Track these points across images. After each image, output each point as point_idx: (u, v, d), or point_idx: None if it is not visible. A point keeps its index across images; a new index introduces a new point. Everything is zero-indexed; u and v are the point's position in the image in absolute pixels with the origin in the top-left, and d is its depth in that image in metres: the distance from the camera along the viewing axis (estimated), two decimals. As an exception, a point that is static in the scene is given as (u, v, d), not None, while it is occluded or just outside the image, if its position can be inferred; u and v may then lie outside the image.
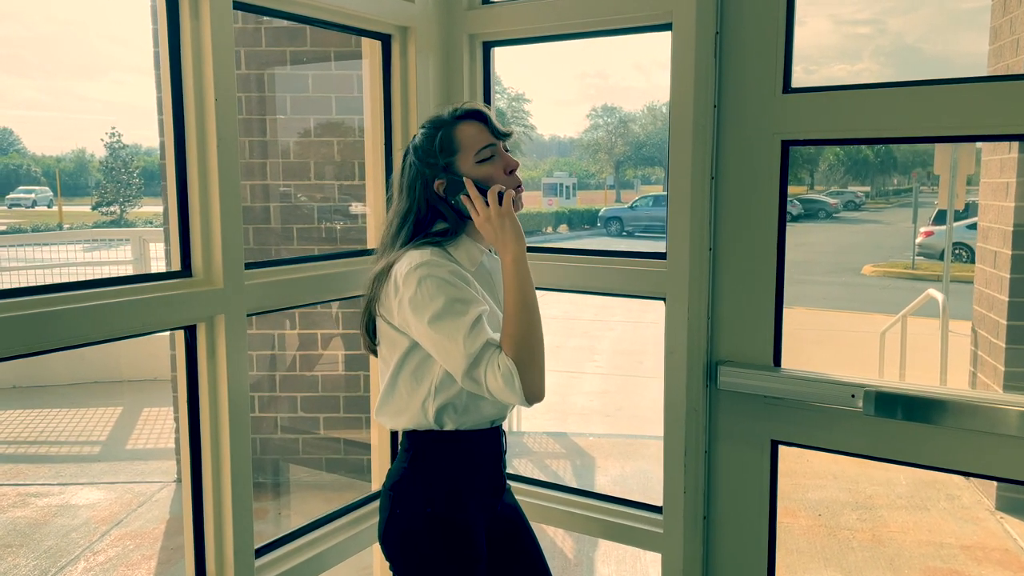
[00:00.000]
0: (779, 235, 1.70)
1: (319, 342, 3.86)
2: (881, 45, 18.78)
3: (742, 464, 1.77)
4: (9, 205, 38.69)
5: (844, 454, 1.69)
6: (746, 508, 1.77)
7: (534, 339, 1.38)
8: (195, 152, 1.49)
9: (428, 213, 1.50)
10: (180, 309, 1.48)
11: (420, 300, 1.38)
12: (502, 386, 1.34)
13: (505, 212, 1.43)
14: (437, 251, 1.44)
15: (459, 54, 2.01)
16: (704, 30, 1.68)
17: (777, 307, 1.72)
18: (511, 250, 1.42)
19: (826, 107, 1.62)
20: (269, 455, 3.90)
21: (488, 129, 1.49)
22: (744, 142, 1.70)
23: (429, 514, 1.47)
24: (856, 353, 6.86)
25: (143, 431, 4.88)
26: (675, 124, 1.71)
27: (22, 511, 3.67)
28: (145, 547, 3.30)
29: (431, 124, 1.51)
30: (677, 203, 1.73)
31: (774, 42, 1.65)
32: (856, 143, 1.66)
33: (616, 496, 1.94)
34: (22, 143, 59.26)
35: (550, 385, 1.42)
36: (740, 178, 1.71)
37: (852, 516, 3.64)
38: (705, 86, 1.69)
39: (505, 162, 1.49)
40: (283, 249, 3.77)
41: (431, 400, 1.46)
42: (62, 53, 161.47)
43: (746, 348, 1.74)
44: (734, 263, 1.74)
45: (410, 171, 1.51)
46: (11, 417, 5.13)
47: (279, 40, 3.67)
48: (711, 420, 1.79)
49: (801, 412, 1.69)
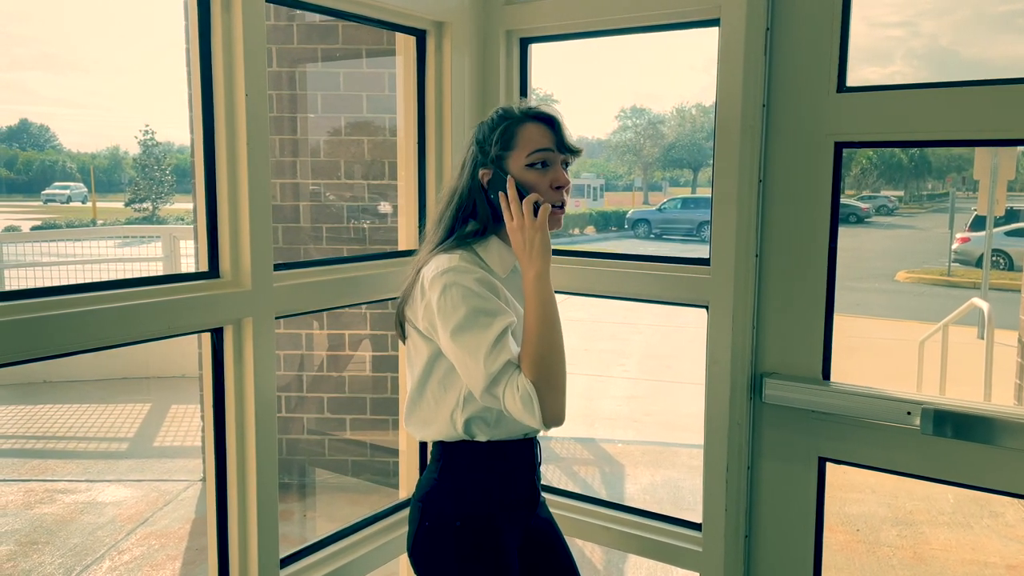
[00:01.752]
0: (831, 242, 1.61)
1: (347, 343, 3.82)
2: (914, 47, 18.47)
3: (787, 481, 1.69)
4: (45, 200, 39.45)
5: (897, 474, 1.60)
6: (790, 528, 1.69)
7: (554, 359, 1.31)
8: (224, 150, 1.45)
9: (469, 200, 1.44)
10: (207, 311, 1.43)
11: (443, 308, 1.32)
12: (520, 408, 1.28)
13: (538, 226, 1.36)
14: (467, 255, 1.38)
15: (495, 50, 1.95)
16: (754, 26, 1.60)
17: (827, 317, 1.63)
18: (535, 265, 1.35)
19: (883, 107, 1.54)
20: (296, 456, 3.87)
21: (553, 137, 1.41)
22: (795, 143, 1.62)
23: (459, 527, 1.42)
24: (892, 362, 6.71)
25: (170, 428, 4.88)
26: (722, 124, 1.64)
27: (49, 507, 3.67)
28: (170, 547, 3.28)
29: (501, 113, 1.44)
30: (722, 206, 1.65)
31: (829, 38, 1.57)
32: (915, 145, 1.58)
33: (653, 511, 1.87)
34: (58, 139, 60.34)
35: (578, 389, 1.36)
36: (789, 181, 1.63)
37: (892, 532, 3.52)
38: (754, 84, 1.61)
39: (554, 175, 1.41)
40: (312, 249, 3.74)
41: (459, 411, 1.40)
42: (98, 50, 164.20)
43: (793, 360, 1.66)
44: (782, 270, 1.66)
45: (469, 149, 1.46)
46: (41, 412, 5.16)
47: (311, 37, 3.63)
48: (754, 434, 1.71)
49: (851, 428, 1.60)
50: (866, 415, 1.57)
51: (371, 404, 3.81)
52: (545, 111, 1.43)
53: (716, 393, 1.70)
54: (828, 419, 1.62)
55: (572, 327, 1.81)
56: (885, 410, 1.55)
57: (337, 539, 1.81)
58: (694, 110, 43.95)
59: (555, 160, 1.41)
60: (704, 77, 78.51)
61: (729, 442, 1.69)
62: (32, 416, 5.09)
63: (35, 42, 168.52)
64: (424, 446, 2.01)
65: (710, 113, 36.43)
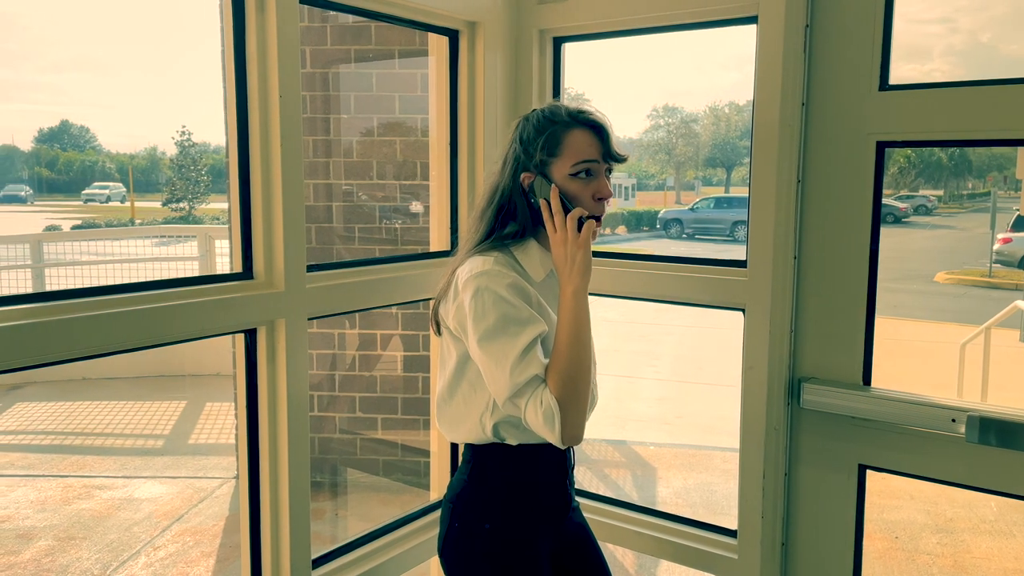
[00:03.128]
0: (872, 244, 1.58)
1: (379, 342, 3.83)
2: (952, 44, 18.02)
3: (826, 489, 1.65)
4: (84, 200, 40.24)
5: (940, 482, 1.56)
6: (829, 536, 1.65)
7: (581, 379, 1.29)
8: (258, 152, 1.45)
9: (510, 201, 1.41)
10: (240, 312, 1.43)
11: (474, 312, 1.30)
12: (541, 423, 1.27)
13: (581, 243, 1.32)
14: (503, 258, 1.36)
15: (529, 50, 1.93)
16: (793, 22, 1.56)
17: (868, 321, 1.59)
18: (574, 282, 1.32)
19: (926, 106, 1.50)
20: (327, 455, 3.89)
21: (600, 147, 1.38)
22: (835, 142, 1.58)
23: (488, 530, 1.40)
24: (932, 365, 6.57)
25: (205, 426, 4.94)
26: (760, 123, 1.60)
27: (87, 503, 3.73)
28: (204, 544, 3.31)
29: (548, 116, 1.39)
30: (760, 207, 1.62)
31: (871, 34, 1.53)
32: (958, 145, 1.53)
33: (687, 517, 1.84)
34: (98, 140, 61.50)
35: (608, 390, 1.34)
36: (829, 181, 1.60)
37: (932, 540, 3.44)
38: (793, 83, 1.58)
39: (598, 187, 1.38)
40: (344, 249, 3.75)
41: (488, 414, 1.39)
42: (136, 51, 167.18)
43: (832, 365, 1.62)
44: (821, 273, 1.62)
45: (512, 147, 1.41)
46: (80, 408, 5.26)
47: (344, 38, 3.65)
48: (792, 440, 1.68)
49: (893, 435, 1.56)
50: (909, 422, 1.52)
51: (402, 404, 3.81)
52: (594, 118, 1.38)
53: (752, 398, 1.67)
54: (869, 426, 1.58)
55: (603, 327, 1.79)
56: (929, 417, 1.50)
57: (369, 540, 1.81)
58: (727, 108, 43.53)
59: (599, 170, 1.38)
60: (734, 74, 77.65)
61: (766, 448, 1.66)
62: (71, 412, 5.19)
63: (74, 44, 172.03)
64: (455, 447, 2.00)
65: (744, 111, 35.67)
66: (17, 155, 52.96)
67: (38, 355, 1.19)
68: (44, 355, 1.19)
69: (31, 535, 3.37)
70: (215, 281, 1.44)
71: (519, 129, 1.42)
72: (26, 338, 1.17)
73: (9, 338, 1.15)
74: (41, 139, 57.44)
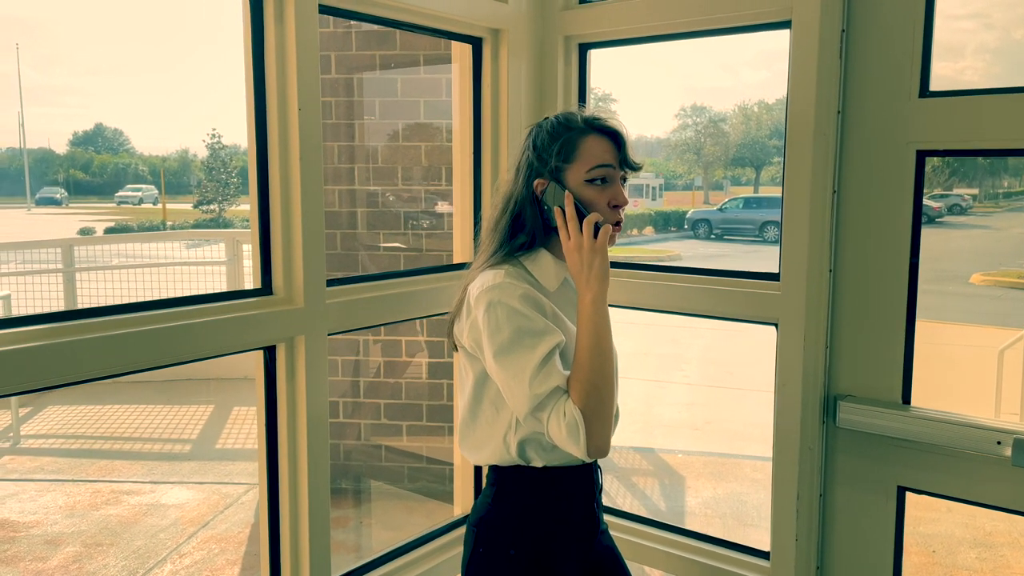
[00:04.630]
0: (912, 257, 1.51)
1: (403, 349, 3.81)
2: (985, 41, 17.53)
3: (863, 511, 1.59)
4: (118, 202, 40.87)
5: (984, 506, 1.49)
6: (866, 561, 1.59)
7: (605, 389, 1.25)
8: (277, 166, 1.42)
9: (524, 207, 1.36)
10: (259, 330, 1.41)
11: (487, 328, 1.27)
12: (565, 436, 1.23)
13: (598, 248, 1.28)
14: (513, 270, 1.32)
15: (554, 57, 1.89)
16: (829, 27, 1.51)
17: (907, 337, 1.53)
18: (593, 289, 1.28)
19: (969, 113, 1.43)
20: (352, 462, 3.87)
21: (616, 154, 1.34)
22: (872, 151, 1.52)
23: (513, 556, 1.36)
24: (969, 371, 6.41)
25: (232, 430, 4.95)
26: (793, 131, 1.55)
27: (115, 508, 3.75)
28: (230, 551, 3.31)
29: (563, 122, 1.35)
30: (793, 218, 1.56)
31: (910, 39, 1.47)
32: (1004, 154, 1.46)
33: (718, 537, 1.78)
34: (131, 143, 62.44)
35: (636, 395, 1.28)
36: (867, 191, 1.54)
37: (970, 555, 3.34)
38: (828, 89, 1.52)
39: (613, 194, 1.34)
40: (368, 256, 3.73)
41: (512, 433, 1.34)
42: (169, 54, 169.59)
43: (870, 382, 1.56)
44: (858, 286, 1.56)
45: (524, 154, 1.38)
46: (109, 412, 5.30)
47: (369, 44, 3.63)
48: (827, 461, 1.62)
49: (934, 456, 1.50)
50: (951, 443, 1.46)
51: (427, 411, 3.79)
52: (610, 124, 1.35)
53: (786, 415, 1.61)
54: (909, 446, 1.52)
55: (629, 331, 1.75)
56: (972, 439, 1.44)
57: (391, 558, 1.78)
58: (756, 107, 43.09)
59: (615, 177, 1.34)
60: (763, 73, 76.73)
61: (800, 468, 1.60)
62: (100, 416, 5.23)
63: (106, 48, 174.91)
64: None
65: (774, 110, 35.11)
66: (52, 158, 53.93)
67: (54, 376, 1.17)
68: (60, 376, 1.18)
69: (59, 541, 3.39)
70: (234, 298, 1.42)
71: (532, 136, 1.38)
72: (43, 359, 1.15)
73: (27, 359, 1.13)
74: (76, 142, 58.48)
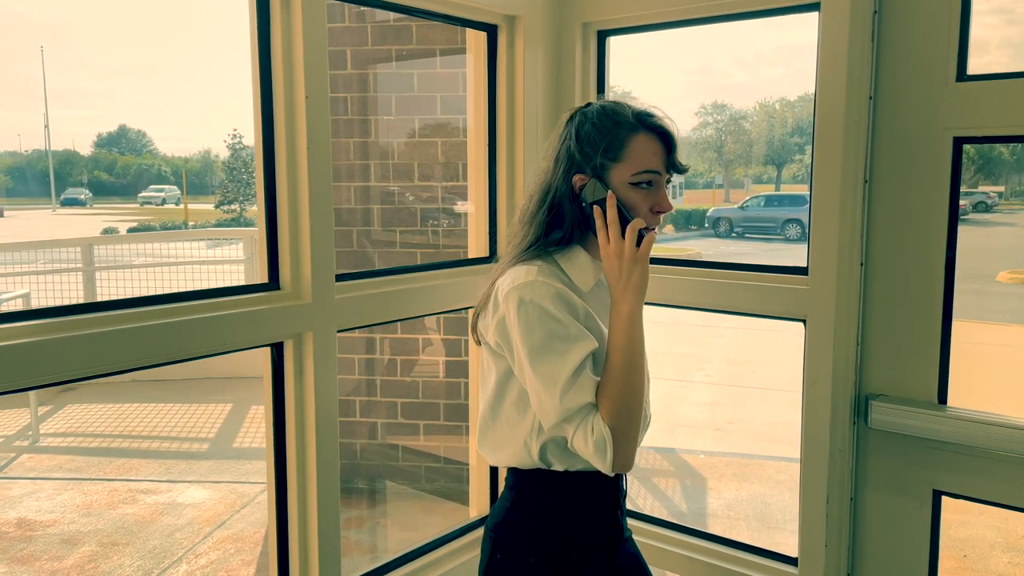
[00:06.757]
0: (948, 250, 1.44)
1: (420, 347, 3.76)
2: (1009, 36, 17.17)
3: (896, 515, 1.52)
4: (141, 203, 41.29)
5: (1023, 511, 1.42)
6: (899, 568, 1.52)
7: (635, 407, 1.19)
8: (284, 157, 1.38)
9: (561, 201, 1.28)
10: (266, 326, 1.36)
11: (519, 328, 1.20)
12: (591, 452, 1.18)
13: (640, 257, 1.21)
14: (546, 267, 1.25)
15: (571, 44, 1.83)
16: (860, 10, 1.44)
17: (944, 333, 1.46)
18: (629, 301, 1.21)
19: (1011, 97, 1.35)
20: (368, 461, 3.83)
21: (665, 157, 1.26)
22: (907, 139, 1.45)
23: (532, 564, 1.30)
24: (998, 371, 6.27)
25: (250, 429, 4.94)
26: (822, 119, 1.48)
27: (131, 508, 3.73)
28: (245, 552, 3.28)
29: (612, 116, 1.26)
30: (823, 209, 1.49)
31: (946, 21, 1.40)
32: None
33: (743, 542, 1.72)
34: (154, 144, 63.02)
35: (657, 394, 1.22)
36: (900, 181, 1.46)
37: (1003, 559, 3.24)
38: (860, 75, 1.45)
39: (657, 199, 1.26)
40: (384, 253, 3.69)
41: (534, 436, 1.28)
42: (189, 55, 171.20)
43: (904, 381, 1.49)
44: (891, 280, 1.49)
45: (565, 143, 1.28)
46: (128, 411, 5.30)
47: (385, 38, 3.58)
48: (859, 463, 1.55)
49: (971, 459, 1.43)
50: (990, 445, 1.39)
51: (444, 410, 3.74)
52: (664, 124, 1.26)
53: (815, 415, 1.54)
54: (945, 448, 1.44)
55: (650, 329, 1.71)
56: (1012, 440, 1.37)
57: (405, 561, 1.73)
58: (778, 104, 42.71)
59: (661, 182, 1.26)
60: (781, 70, 75.89)
61: (830, 470, 1.53)
62: (120, 415, 5.24)
63: (128, 50, 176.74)
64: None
65: (795, 107, 34.56)
66: (77, 159, 54.53)
67: (59, 372, 1.13)
68: (65, 372, 1.14)
69: (76, 540, 3.38)
70: (241, 292, 1.37)
71: (575, 123, 1.28)
72: (47, 354, 1.11)
73: (29, 353, 1.09)
74: (100, 143, 59.10)
